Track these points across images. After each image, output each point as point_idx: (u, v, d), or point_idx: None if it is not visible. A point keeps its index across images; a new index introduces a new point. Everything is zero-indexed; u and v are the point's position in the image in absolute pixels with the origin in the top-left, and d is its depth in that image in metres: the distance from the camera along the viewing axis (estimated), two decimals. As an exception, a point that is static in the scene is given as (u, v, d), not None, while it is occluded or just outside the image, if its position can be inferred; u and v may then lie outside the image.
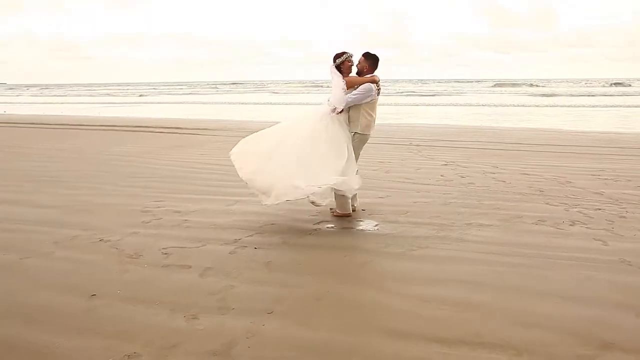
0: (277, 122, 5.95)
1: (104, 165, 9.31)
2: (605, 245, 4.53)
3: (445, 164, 9.00)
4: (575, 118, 21.09)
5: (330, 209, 5.74)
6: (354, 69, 5.53)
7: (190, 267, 4.08)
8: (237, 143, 5.79)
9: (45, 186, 7.40)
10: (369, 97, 5.38)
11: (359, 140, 5.51)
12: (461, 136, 13.38)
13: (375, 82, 5.43)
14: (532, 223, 5.22)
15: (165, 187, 7.24)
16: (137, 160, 9.95)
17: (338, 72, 5.42)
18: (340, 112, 5.39)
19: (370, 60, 5.52)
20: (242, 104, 35.72)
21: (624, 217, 5.44)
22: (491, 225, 5.16)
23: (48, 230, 5.09)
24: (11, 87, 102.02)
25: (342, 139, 5.37)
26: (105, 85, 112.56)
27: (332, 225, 5.25)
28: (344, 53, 5.45)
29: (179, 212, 5.83)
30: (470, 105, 30.77)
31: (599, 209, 5.75)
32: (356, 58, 5.54)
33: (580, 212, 5.62)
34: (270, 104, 34.74)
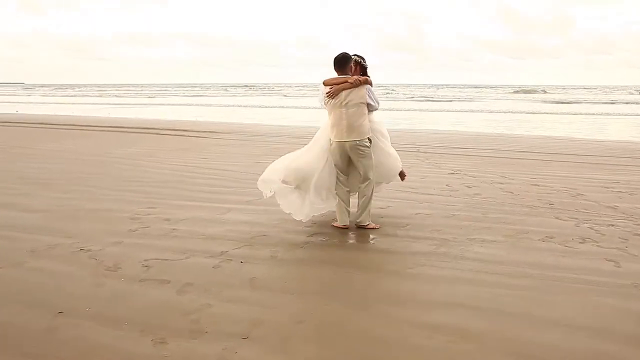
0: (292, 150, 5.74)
1: (103, 168, 9.13)
2: (618, 266, 4.19)
3: (452, 173, 8.68)
4: (590, 126, 20.59)
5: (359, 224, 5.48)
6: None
7: (169, 282, 3.83)
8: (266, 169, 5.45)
9: (38, 189, 7.22)
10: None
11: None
12: (471, 143, 13.03)
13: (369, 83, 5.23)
14: (539, 240, 4.90)
15: (160, 193, 7.02)
16: (138, 163, 9.76)
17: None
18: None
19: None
20: (251, 107, 35.59)
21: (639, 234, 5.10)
22: (495, 241, 4.84)
23: (28, 237, 4.88)
24: (27, 87, 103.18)
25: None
26: (118, 85, 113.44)
27: (326, 238, 4.96)
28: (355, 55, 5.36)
29: (168, 220, 5.60)
30: (483, 111, 30.29)
31: (612, 225, 5.40)
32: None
33: (592, 229, 5.28)
34: (280, 107, 34.56)
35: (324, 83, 5.18)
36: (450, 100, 42.57)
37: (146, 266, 4.15)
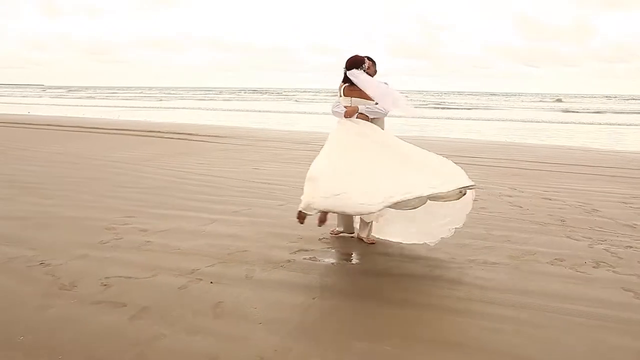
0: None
1: (96, 172, 8.81)
2: (638, 298, 3.68)
3: (458, 184, 8.17)
4: (608, 136, 19.89)
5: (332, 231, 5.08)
6: None
7: (125, 305, 3.42)
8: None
9: (22, 194, 6.89)
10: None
11: None
12: (482, 152, 12.50)
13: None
14: (547, 262, 4.40)
15: (147, 200, 6.65)
16: (133, 167, 9.43)
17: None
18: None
19: (375, 65, 4.88)
20: (261, 111, 35.33)
21: (661, 259, 4.57)
22: (497, 263, 4.36)
23: (-12, 249, 4.52)
24: (45, 89, 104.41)
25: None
26: (133, 88, 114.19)
27: (310, 256, 4.52)
28: (363, 57, 4.70)
29: (145, 231, 5.20)
30: (496, 120, 29.64)
31: (630, 247, 4.88)
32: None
33: (607, 250, 4.76)
34: (289, 112, 34.24)
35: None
36: (464, 108, 41.88)
37: (105, 285, 3.74)
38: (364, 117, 4.67)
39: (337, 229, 5.10)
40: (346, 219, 4.99)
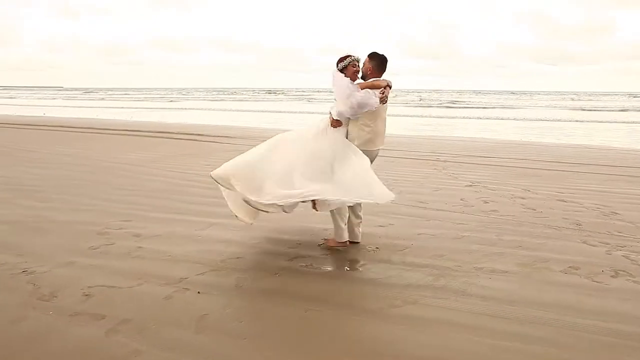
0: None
1: (99, 175, 8.67)
2: (659, 311, 3.37)
3: (470, 185, 7.87)
4: (629, 135, 19.29)
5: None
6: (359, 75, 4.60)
7: (104, 317, 3.21)
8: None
9: (18, 197, 6.76)
10: (366, 106, 4.39)
11: None
12: (495, 152, 12.14)
13: (376, 87, 4.44)
14: (561, 271, 4.09)
15: (145, 203, 6.46)
16: (136, 169, 9.28)
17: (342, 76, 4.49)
18: (339, 124, 4.52)
19: (375, 61, 4.53)
20: (273, 112, 35.16)
21: (685, 267, 4.23)
22: (507, 272, 4.06)
23: (-28, 256, 4.36)
24: (59, 89, 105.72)
25: (345, 146, 4.47)
26: (146, 89, 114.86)
27: (308, 264, 4.27)
28: (348, 56, 4.49)
29: (138, 236, 5.01)
30: (511, 119, 29.06)
31: (652, 254, 4.55)
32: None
33: (627, 257, 4.44)
34: (304, 112, 34.01)
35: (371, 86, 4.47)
36: (479, 107, 41.24)
37: (87, 295, 3.54)
38: (335, 122, 4.48)
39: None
40: (349, 225, 4.72)
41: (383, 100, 4.42)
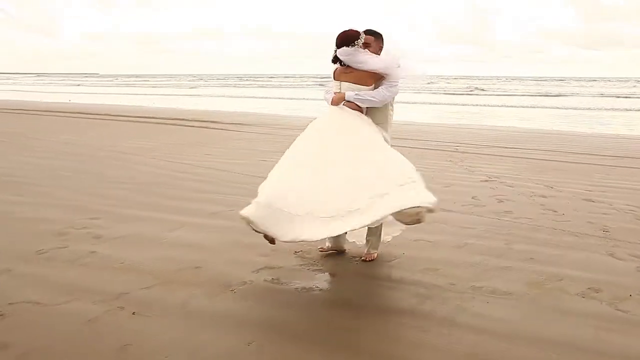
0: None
1: (91, 164, 8.25)
2: (702, 357, 2.62)
3: (486, 180, 7.10)
4: (671, 123, 17.90)
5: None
6: None
7: (8, 346, 2.67)
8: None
9: (-2, 190, 6.37)
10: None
11: None
12: (521, 142, 11.23)
13: None
14: (578, 294, 3.36)
15: (126, 198, 5.96)
16: (131, 159, 8.83)
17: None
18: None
19: (380, 40, 3.89)
20: (296, 99, 34.44)
21: None
22: (510, 293, 3.35)
23: None
24: (99, 77, 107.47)
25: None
26: (177, 76, 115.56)
27: (274, 277, 3.65)
28: (356, 31, 3.77)
29: (99, 237, 4.48)
30: (547, 107, 27.65)
31: (694, 271, 3.75)
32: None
33: (662, 276, 3.66)
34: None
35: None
36: (512, 94, 39.54)
37: (1, 315, 3.02)
38: (354, 106, 3.77)
39: (327, 244, 4.15)
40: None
41: None
